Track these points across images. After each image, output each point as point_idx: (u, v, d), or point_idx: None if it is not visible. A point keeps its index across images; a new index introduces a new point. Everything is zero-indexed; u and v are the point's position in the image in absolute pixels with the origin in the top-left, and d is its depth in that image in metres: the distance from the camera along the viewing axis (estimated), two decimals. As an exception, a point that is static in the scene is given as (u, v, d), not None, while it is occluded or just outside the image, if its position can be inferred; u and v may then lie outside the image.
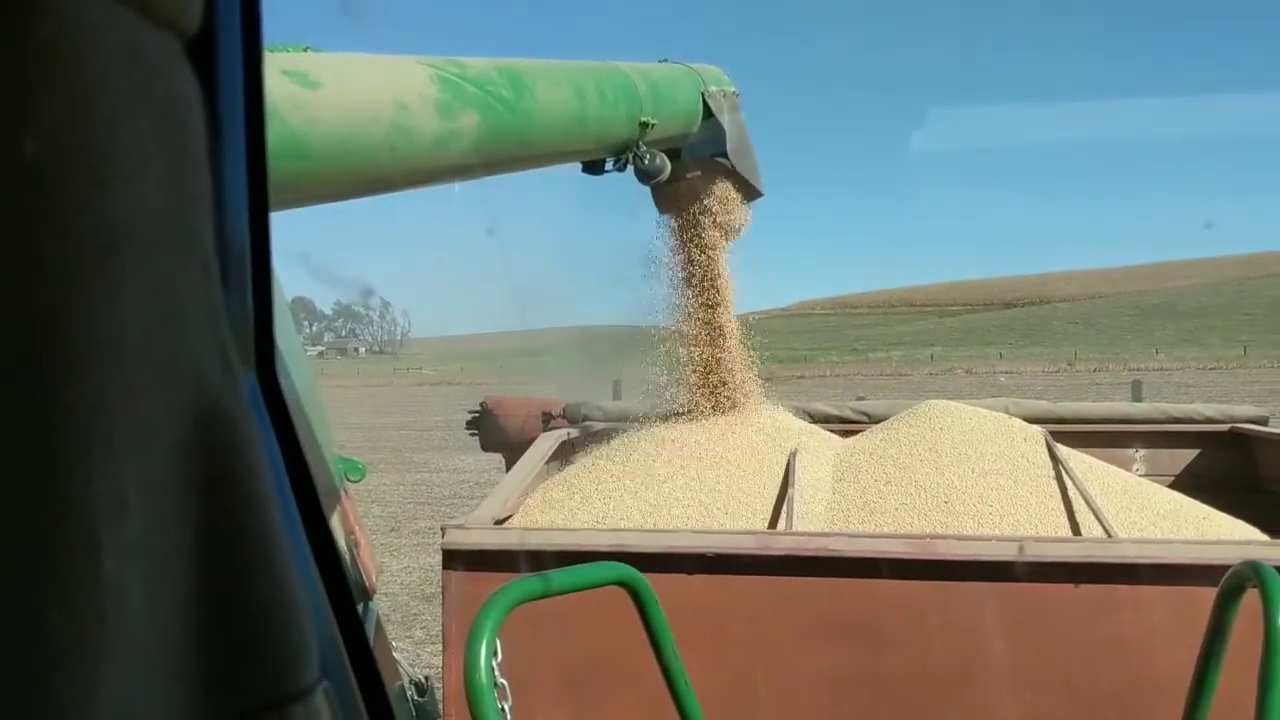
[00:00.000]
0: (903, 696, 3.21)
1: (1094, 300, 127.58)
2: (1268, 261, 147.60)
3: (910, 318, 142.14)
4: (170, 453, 0.54)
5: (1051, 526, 3.96)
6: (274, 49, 2.81)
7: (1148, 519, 4.10)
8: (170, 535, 0.54)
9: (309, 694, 0.63)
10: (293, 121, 2.67)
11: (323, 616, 0.70)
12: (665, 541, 3.32)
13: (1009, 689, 3.19)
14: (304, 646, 0.64)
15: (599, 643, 3.09)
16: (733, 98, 4.77)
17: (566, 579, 2.06)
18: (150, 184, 0.53)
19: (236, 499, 0.59)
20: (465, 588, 3.17)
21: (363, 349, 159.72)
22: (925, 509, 4.05)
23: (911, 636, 3.23)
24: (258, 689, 0.60)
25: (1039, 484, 4.19)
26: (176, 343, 0.56)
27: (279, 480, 0.66)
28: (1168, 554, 3.24)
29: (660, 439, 4.45)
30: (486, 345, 76.80)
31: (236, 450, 0.60)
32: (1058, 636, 3.20)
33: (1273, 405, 29.26)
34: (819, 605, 3.23)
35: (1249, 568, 2.10)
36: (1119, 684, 3.15)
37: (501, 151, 3.61)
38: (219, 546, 0.57)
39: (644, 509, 4.04)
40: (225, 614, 0.57)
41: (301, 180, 2.79)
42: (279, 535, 0.63)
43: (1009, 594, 3.19)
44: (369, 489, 15.45)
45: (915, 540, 3.36)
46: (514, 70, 3.60)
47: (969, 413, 4.71)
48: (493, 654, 1.75)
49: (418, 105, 3.11)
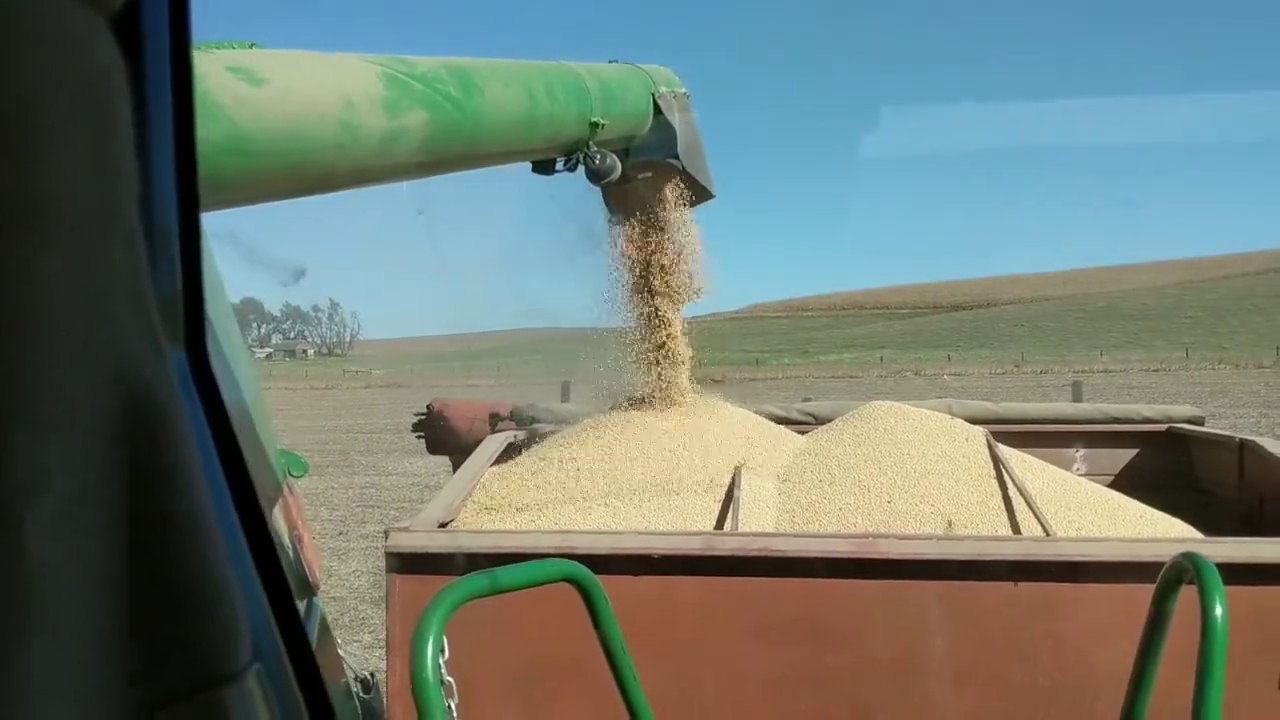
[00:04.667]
0: (847, 695, 3.23)
1: (1040, 303, 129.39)
2: (1209, 266, 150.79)
3: (861, 320, 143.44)
4: (95, 430, 0.53)
5: (992, 525, 4.01)
6: (220, 46, 2.77)
7: (1086, 517, 4.16)
8: (94, 512, 0.53)
9: (240, 676, 0.63)
10: (238, 118, 2.64)
11: (256, 600, 0.69)
12: (611, 543, 3.31)
13: (950, 686, 3.22)
14: (235, 628, 0.63)
15: (545, 641, 3.09)
16: (683, 98, 4.77)
17: (514, 576, 2.06)
18: (71, 159, 0.52)
19: (164, 478, 0.59)
20: (409, 591, 3.16)
21: (311, 351, 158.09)
22: (868, 509, 4.09)
23: (855, 635, 3.25)
24: (187, 669, 0.59)
25: (980, 483, 4.24)
26: (101, 318, 0.55)
27: (208, 459, 0.65)
28: (1105, 552, 3.28)
29: (607, 440, 4.45)
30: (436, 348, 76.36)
31: (164, 427, 0.59)
32: (998, 634, 3.23)
33: (1214, 405, 29.88)
34: (764, 605, 3.24)
35: (1186, 559, 2.14)
36: (1058, 681, 3.19)
37: (450, 150, 3.58)
38: (145, 524, 0.56)
39: (587, 510, 4.04)
40: (152, 593, 0.57)
41: (247, 178, 2.76)
42: (208, 515, 0.62)
43: (950, 592, 3.22)
44: (316, 492, 15.30)
45: (858, 540, 3.37)
46: (463, 69, 3.57)
47: (912, 413, 4.76)
48: (439, 651, 1.74)
49: (365, 103, 3.08)
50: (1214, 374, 52.05)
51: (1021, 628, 3.23)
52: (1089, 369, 58.89)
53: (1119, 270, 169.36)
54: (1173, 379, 48.30)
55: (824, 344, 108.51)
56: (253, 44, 2.87)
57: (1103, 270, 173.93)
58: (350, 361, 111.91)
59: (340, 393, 57.36)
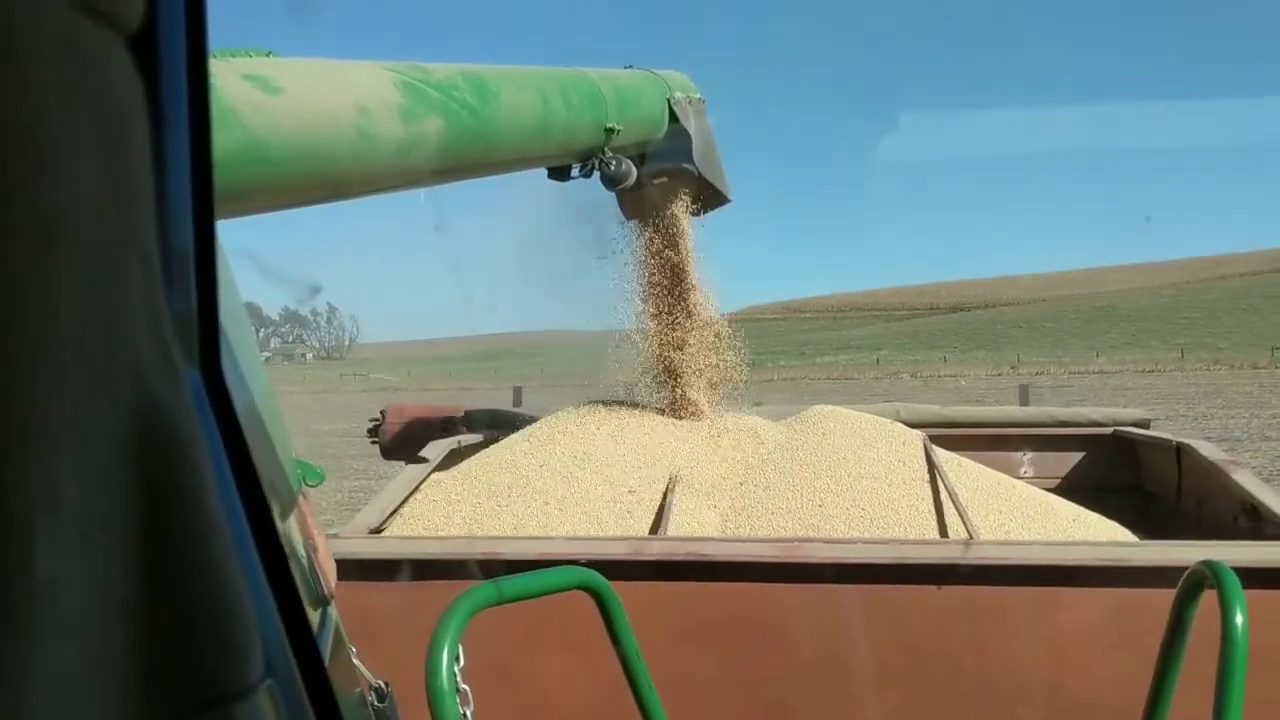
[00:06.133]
0: (773, 698, 3.23)
1: (1038, 304, 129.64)
2: (1206, 266, 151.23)
3: (858, 322, 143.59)
4: (109, 448, 0.54)
5: (920, 529, 4.04)
6: (236, 54, 2.76)
7: (1017, 521, 4.19)
8: (108, 532, 0.53)
9: (252, 693, 0.63)
10: (254, 126, 2.62)
11: (268, 616, 0.69)
12: (538, 549, 3.29)
13: (875, 689, 3.22)
14: (247, 645, 0.64)
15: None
16: (699, 104, 4.75)
17: (529, 584, 2.04)
18: (87, 176, 0.53)
19: (178, 496, 0.59)
20: (341, 596, 3.12)
21: (310, 355, 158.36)
22: (800, 513, 4.13)
23: (780, 639, 3.25)
24: (198, 687, 0.59)
25: (912, 487, 4.27)
26: (115, 336, 0.55)
27: (223, 478, 0.65)
28: (1026, 555, 3.28)
29: (549, 446, 4.44)
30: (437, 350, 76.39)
31: (179, 446, 0.59)
32: (922, 637, 3.23)
33: (1206, 406, 29.84)
34: (692, 609, 3.23)
35: (1205, 567, 2.10)
36: (981, 684, 3.18)
37: (466, 157, 3.57)
38: (159, 544, 0.57)
39: (523, 516, 4.04)
40: (164, 612, 0.57)
41: (263, 185, 2.75)
42: (222, 533, 0.62)
43: (874, 596, 3.22)
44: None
45: (783, 544, 3.38)
46: (478, 76, 3.55)
47: (852, 418, 4.77)
48: (454, 659, 1.72)
49: (381, 110, 3.07)
50: (1209, 374, 52.10)
51: (945, 631, 3.23)
52: (1084, 370, 59.01)
53: (1116, 271, 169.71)
54: (1167, 379, 48.30)
55: (821, 345, 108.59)
56: (269, 52, 2.85)
57: (1100, 271, 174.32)
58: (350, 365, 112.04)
59: (337, 396, 57.36)
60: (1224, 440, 20.50)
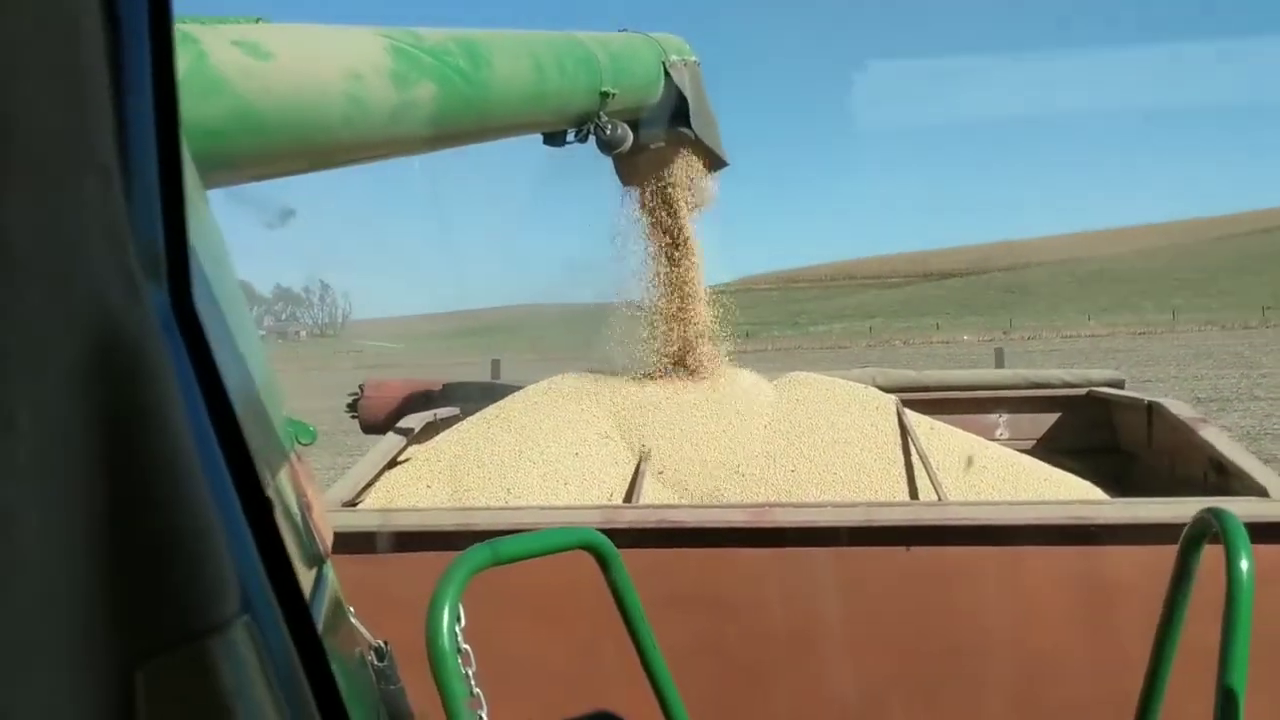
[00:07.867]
0: (745, 662, 3.24)
1: (1031, 269, 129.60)
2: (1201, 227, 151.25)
3: (852, 290, 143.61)
4: (66, 372, 0.51)
5: (891, 492, 4.07)
6: (225, 20, 2.70)
7: (987, 482, 4.23)
8: (67, 460, 0.51)
9: (227, 627, 0.60)
10: (244, 93, 2.58)
11: (245, 551, 0.66)
12: (510, 519, 3.29)
13: (845, 651, 3.24)
14: (221, 578, 0.61)
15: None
16: (694, 67, 4.70)
17: (528, 544, 2.01)
18: (35, 83, 0.50)
19: (142, 423, 0.56)
20: None
21: (303, 333, 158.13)
22: (773, 479, 4.16)
23: (752, 604, 3.27)
24: (169, 621, 0.57)
25: (884, 451, 4.30)
26: (70, 253, 0.52)
27: (194, 408, 0.62)
28: (993, 515, 3.30)
29: (521, 421, 4.42)
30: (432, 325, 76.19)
31: (143, 371, 0.57)
32: (891, 599, 3.25)
33: (1197, 367, 29.81)
34: (663, 576, 3.23)
35: (1210, 514, 2.09)
36: (949, 644, 3.21)
37: (459, 124, 3.53)
38: (123, 469, 0.54)
39: (497, 486, 4.04)
40: (130, 542, 0.54)
41: (254, 153, 2.71)
42: (191, 462, 0.59)
43: (844, 559, 3.23)
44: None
45: (754, 509, 3.40)
46: (471, 41, 3.50)
47: (826, 384, 4.78)
48: (455, 619, 1.71)
49: (373, 76, 3.02)
50: (1200, 335, 52.16)
51: (914, 592, 3.25)
52: (1076, 334, 59.08)
53: (1110, 234, 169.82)
54: (1159, 341, 48.36)
55: (814, 315, 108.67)
56: (259, 18, 2.79)
57: (1094, 234, 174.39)
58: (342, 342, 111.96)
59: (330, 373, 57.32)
60: (1214, 400, 20.60)
